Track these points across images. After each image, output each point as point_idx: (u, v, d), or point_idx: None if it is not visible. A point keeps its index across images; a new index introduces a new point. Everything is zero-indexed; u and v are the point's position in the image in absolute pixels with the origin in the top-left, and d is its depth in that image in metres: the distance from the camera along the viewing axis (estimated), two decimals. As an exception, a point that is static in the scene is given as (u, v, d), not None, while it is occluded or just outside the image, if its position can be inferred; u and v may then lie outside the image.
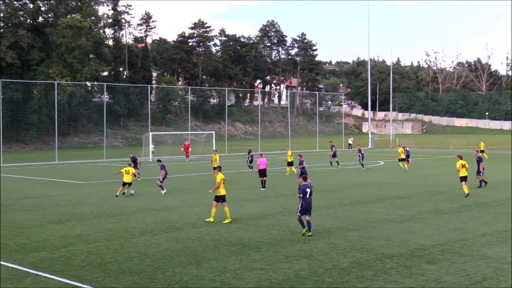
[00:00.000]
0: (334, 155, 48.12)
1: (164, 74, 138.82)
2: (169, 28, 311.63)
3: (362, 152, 45.18)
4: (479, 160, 31.59)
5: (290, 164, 40.31)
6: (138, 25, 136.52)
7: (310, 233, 18.15)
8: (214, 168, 37.53)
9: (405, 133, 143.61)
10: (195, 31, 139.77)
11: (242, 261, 14.97)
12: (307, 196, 18.31)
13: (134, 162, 36.73)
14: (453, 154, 60.42)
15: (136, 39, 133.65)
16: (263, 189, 30.24)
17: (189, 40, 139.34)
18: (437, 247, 16.37)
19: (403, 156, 42.99)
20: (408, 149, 45.73)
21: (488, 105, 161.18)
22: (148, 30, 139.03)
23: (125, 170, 28.81)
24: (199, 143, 74.96)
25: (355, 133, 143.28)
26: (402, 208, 24.02)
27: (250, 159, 43.82)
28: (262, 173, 31.19)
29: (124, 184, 28.59)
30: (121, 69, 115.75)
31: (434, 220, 20.88)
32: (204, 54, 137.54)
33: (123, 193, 28.76)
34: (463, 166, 28.78)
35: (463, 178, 28.31)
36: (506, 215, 21.76)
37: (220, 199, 20.92)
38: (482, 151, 56.52)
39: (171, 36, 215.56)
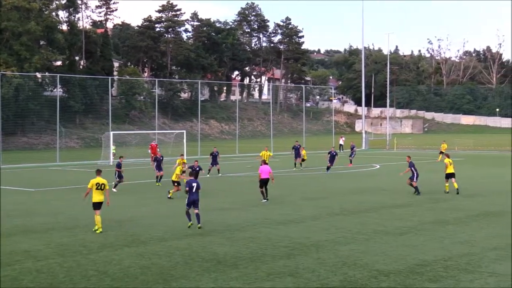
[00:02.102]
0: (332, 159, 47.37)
1: (127, 64, 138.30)
2: (132, 11, 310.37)
3: (355, 150, 46.01)
4: (411, 165, 32.51)
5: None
6: (97, 7, 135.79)
7: (199, 225, 21.73)
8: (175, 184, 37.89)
9: (404, 133, 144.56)
10: (163, 15, 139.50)
11: (217, 280, 14.95)
12: (193, 191, 22.16)
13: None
14: (459, 156, 61.00)
15: (94, 24, 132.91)
16: (265, 200, 29.07)
17: (156, 25, 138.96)
18: (441, 262, 16.49)
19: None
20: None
21: (499, 100, 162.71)
22: (109, 13, 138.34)
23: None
24: (168, 144, 74.74)
25: (347, 132, 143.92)
26: (400, 218, 24.16)
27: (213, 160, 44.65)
28: (263, 183, 29.45)
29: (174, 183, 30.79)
30: (77, 58, 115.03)
31: (437, 232, 21.03)
32: (174, 42, 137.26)
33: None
34: (451, 163, 32.57)
35: (449, 175, 32.25)
36: (519, 226, 21.98)
37: (98, 205, 21.61)
38: (441, 153, 57.69)
39: (135, 21, 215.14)
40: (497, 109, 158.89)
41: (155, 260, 17.04)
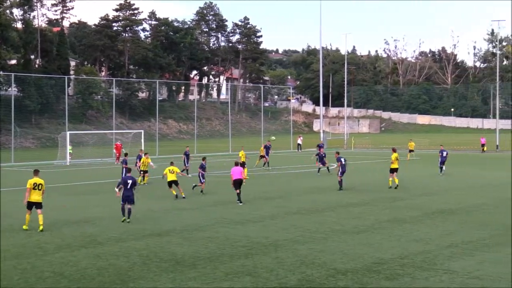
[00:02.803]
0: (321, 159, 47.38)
1: (84, 63, 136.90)
2: (89, 9, 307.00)
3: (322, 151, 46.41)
4: (338, 160, 34.36)
5: (242, 165, 40.54)
6: (53, 5, 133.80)
7: (128, 220, 23.13)
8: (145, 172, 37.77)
9: (361, 132, 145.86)
10: (121, 14, 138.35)
11: (175, 280, 14.89)
12: (128, 187, 23.47)
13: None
14: (415, 155, 61.77)
15: (50, 22, 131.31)
16: (238, 202, 28.26)
17: (113, 24, 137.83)
18: (397, 261, 16.67)
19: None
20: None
21: (454, 100, 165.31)
22: (65, 11, 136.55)
23: (169, 170, 30.64)
24: (126, 144, 74.10)
25: (305, 132, 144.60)
26: (357, 217, 24.36)
27: (185, 160, 44.37)
28: (236, 184, 28.74)
29: (171, 184, 30.62)
30: (32, 57, 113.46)
31: (394, 230, 21.26)
32: (131, 41, 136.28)
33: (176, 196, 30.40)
34: (396, 159, 34.34)
35: (393, 170, 34.10)
36: (473, 224, 22.34)
37: (32, 205, 21.70)
38: (411, 151, 60.46)
39: (92, 19, 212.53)
40: (452, 109, 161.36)
41: (112, 261, 16.90)
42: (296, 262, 16.54)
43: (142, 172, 37.76)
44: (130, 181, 23.74)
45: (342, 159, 34.82)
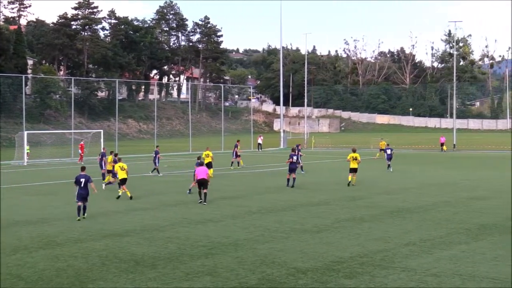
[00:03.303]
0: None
1: (42, 62, 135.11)
2: (47, 7, 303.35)
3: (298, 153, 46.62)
4: (290, 156, 35.56)
5: (209, 165, 40.55)
6: (9, 3, 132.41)
7: (84, 216, 23.80)
8: (109, 172, 37.52)
9: (321, 132, 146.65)
10: (79, 12, 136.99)
11: (135, 281, 14.81)
12: (82, 186, 23.90)
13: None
14: (374, 155, 62.36)
15: (7, 20, 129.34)
16: (202, 202, 28.08)
17: (72, 23, 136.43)
18: (356, 259, 16.81)
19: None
20: None
21: (412, 100, 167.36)
22: (22, 9, 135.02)
23: (120, 166, 30.33)
24: (85, 144, 73.39)
25: (266, 131, 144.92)
26: (317, 216, 24.48)
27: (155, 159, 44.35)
28: (201, 184, 28.50)
29: (123, 182, 30.31)
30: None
31: (353, 229, 21.42)
32: (91, 40, 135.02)
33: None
34: (354, 158, 34.98)
35: (352, 170, 35.01)
36: (431, 222, 22.63)
37: None
38: (382, 150, 61.02)
39: (50, 18, 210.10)
40: (411, 109, 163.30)
41: (71, 262, 16.73)
42: (256, 262, 16.57)
43: (108, 172, 37.60)
44: (83, 180, 24.12)
45: (295, 157, 35.63)
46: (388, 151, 47.79)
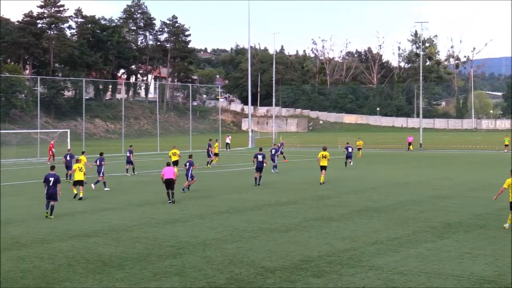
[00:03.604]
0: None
1: (7, 61, 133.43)
2: (12, 5, 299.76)
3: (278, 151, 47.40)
4: (255, 156, 36.31)
5: (175, 163, 40.60)
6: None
7: (51, 216, 23.92)
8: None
9: (289, 131, 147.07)
10: (45, 11, 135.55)
11: (102, 281, 14.70)
12: (51, 185, 24.11)
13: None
14: (342, 154, 62.69)
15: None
16: (170, 202, 28.24)
17: (38, 21, 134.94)
18: (324, 258, 16.88)
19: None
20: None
21: (380, 100, 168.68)
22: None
23: (78, 167, 30.18)
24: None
25: (234, 131, 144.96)
26: (286, 215, 24.53)
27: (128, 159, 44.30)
28: (168, 184, 28.55)
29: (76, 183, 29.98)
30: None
31: (321, 228, 21.51)
32: (57, 38, 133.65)
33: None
34: (324, 156, 35.98)
35: (322, 167, 35.91)
36: (397, 221, 22.82)
37: None
38: (359, 149, 64.15)
39: (15, 16, 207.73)
40: (378, 108, 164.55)
41: (37, 263, 16.54)
42: (224, 261, 16.56)
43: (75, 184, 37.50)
44: (52, 179, 24.35)
45: (260, 156, 36.04)
46: (349, 149, 49.61)
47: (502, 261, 16.32)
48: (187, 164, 32.53)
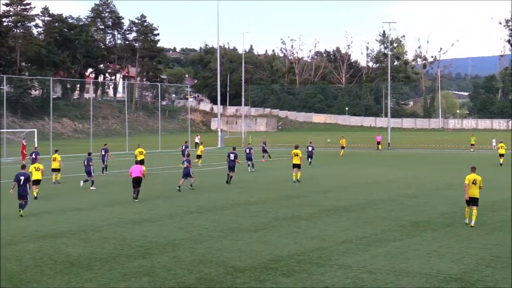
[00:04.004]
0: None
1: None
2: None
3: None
4: (228, 155, 37.42)
5: (141, 162, 40.46)
6: None
7: (21, 213, 24.19)
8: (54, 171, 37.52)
9: (259, 131, 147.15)
10: (11, 9, 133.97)
11: (70, 282, 14.58)
12: (21, 184, 24.24)
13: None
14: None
15: None
16: (134, 198, 29.09)
17: (3, 20, 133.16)
18: (294, 257, 16.93)
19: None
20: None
21: (348, 99, 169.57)
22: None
23: (35, 167, 30.28)
24: (18, 143, 71.85)
25: (203, 130, 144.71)
26: (255, 215, 24.56)
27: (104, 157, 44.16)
28: (135, 181, 29.30)
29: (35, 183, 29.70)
30: None
31: (291, 228, 21.57)
32: (23, 37, 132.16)
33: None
34: (296, 154, 36.95)
35: (295, 165, 36.76)
36: (366, 220, 22.97)
37: None
38: (342, 147, 66.33)
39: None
40: (347, 108, 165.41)
41: (3, 265, 16.34)
42: (194, 261, 16.53)
43: (53, 171, 37.71)
44: (22, 178, 24.47)
45: (232, 155, 36.80)
46: (309, 148, 49.90)
47: (468, 258, 16.53)
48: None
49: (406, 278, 14.71)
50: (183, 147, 53.78)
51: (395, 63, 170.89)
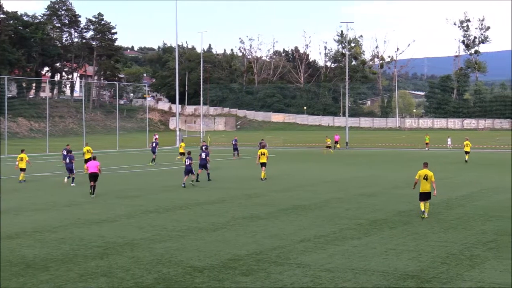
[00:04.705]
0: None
1: None
2: None
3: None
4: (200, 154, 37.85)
5: (87, 161, 40.42)
6: None
7: None
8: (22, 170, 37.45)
9: (217, 130, 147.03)
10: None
11: (26, 284, 14.39)
12: None
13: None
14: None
15: None
16: (91, 194, 30.17)
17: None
18: (253, 256, 16.96)
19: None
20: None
21: (307, 99, 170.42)
22: None
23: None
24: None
25: (161, 130, 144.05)
26: (214, 214, 24.54)
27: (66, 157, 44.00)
28: (92, 177, 30.32)
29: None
30: None
31: (250, 227, 21.60)
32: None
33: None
34: (262, 154, 37.79)
35: (262, 164, 37.66)
36: (324, 219, 23.12)
37: None
38: (328, 147, 68.26)
39: None
40: (305, 107, 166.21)
41: (-43, 267, 16.06)
42: (152, 261, 16.45)
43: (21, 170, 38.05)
44: None
45: (203, 154, 37.18)
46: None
47: (424, 256, 16.77)
48: (187, 160, 34.73)
49: (364, 276, 14.85)
50: (153, 144, 54.31)
51: (353, 63, 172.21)
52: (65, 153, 44.17)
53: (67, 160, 36.12)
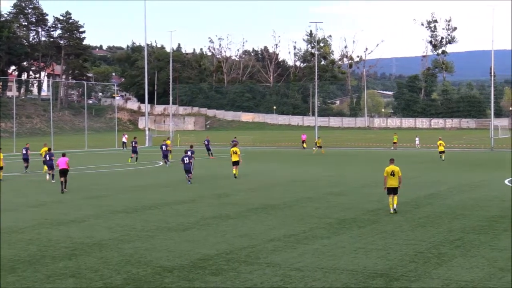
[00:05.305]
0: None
1: None
2: None
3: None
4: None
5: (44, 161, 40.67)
6: None
7: None
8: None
9: (187, 129, 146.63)
10: None
11: (-7, 286, 14.22)
12: None
13: None
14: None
15: None
16: (65, 190, 31.43)
17: None
18: (222, 256, 16.94)
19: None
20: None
21: (276, 98, 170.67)
22: None
23: None
24: None
25: (130, 129, 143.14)
26: (183, 214, 24.47)
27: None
28: (62, 173, 31.86)
29: None
30: None
31: (219, 227, 21.58)
32: None
33: None
34: (234, 152, 38.70)
35: (235, 163, 38.55)
36: (294, 218, 23.18)
37: None
38: (319, 147, 67.75)
39: None
40: (274, 107, 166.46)
41: None
42: (121, 262, 16.35)
43: None
44: None
45: (186, 158, 35.91)
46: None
47: (393, 254, 16.89)
48: (187, 158, 35.34)
49: (333, 274, 14.92)
50: (133, 143, 54.76)
51: (322, 62, 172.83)
52: (24, 151, 44.41)
53: (47, 158, 37.52)
